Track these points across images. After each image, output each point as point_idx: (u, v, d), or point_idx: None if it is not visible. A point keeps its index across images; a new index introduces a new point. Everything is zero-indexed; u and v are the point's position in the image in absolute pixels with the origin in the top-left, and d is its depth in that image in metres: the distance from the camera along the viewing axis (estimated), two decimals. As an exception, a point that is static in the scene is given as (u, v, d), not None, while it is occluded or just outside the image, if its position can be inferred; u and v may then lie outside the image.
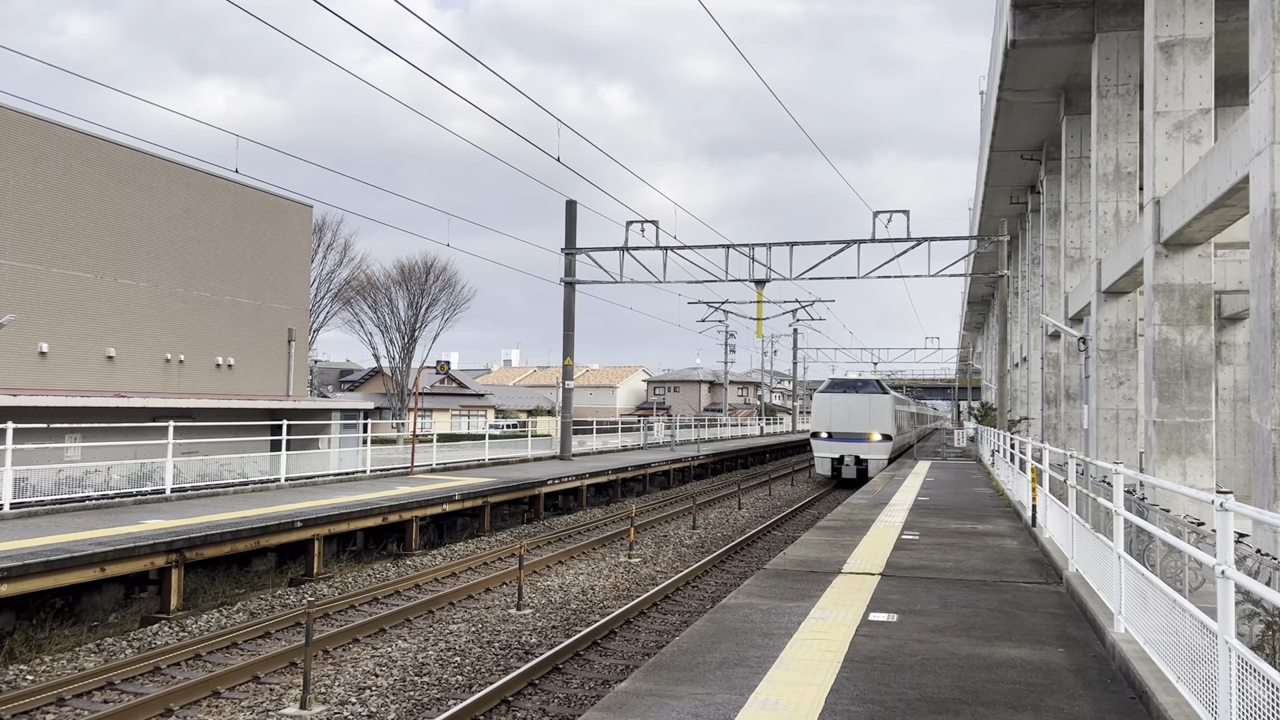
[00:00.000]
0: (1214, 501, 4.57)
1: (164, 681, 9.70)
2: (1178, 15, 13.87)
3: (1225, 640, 4.33)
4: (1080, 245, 23.26)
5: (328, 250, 50.00)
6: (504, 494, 20.79)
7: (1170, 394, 13.54)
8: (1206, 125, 13.75)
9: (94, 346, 22.96)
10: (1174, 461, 13.51)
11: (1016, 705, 5.72)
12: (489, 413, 70.88)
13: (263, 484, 19.42)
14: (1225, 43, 17.28)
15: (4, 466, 14.10)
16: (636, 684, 6.14)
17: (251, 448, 22.30)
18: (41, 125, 21.69)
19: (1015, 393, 38.59)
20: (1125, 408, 17.82)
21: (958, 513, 16.62)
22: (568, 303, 31.47)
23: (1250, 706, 4.14)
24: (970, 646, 7.14)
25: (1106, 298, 18.15)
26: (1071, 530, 9.81)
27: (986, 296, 58.94)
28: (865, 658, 6.78)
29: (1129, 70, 18.63)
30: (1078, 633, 7.66)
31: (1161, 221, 13.43)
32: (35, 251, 21.46)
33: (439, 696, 9.32)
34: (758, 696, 5.88)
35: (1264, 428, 8.81)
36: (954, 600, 8.89)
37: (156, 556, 11.94)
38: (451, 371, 62.80)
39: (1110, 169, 18.79)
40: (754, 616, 8.12)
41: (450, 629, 12.02)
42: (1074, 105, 23.06)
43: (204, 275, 26.29)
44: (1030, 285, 34.57)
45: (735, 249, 30.62)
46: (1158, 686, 5.60)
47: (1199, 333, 13.46)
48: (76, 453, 18.88)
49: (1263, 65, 8.79)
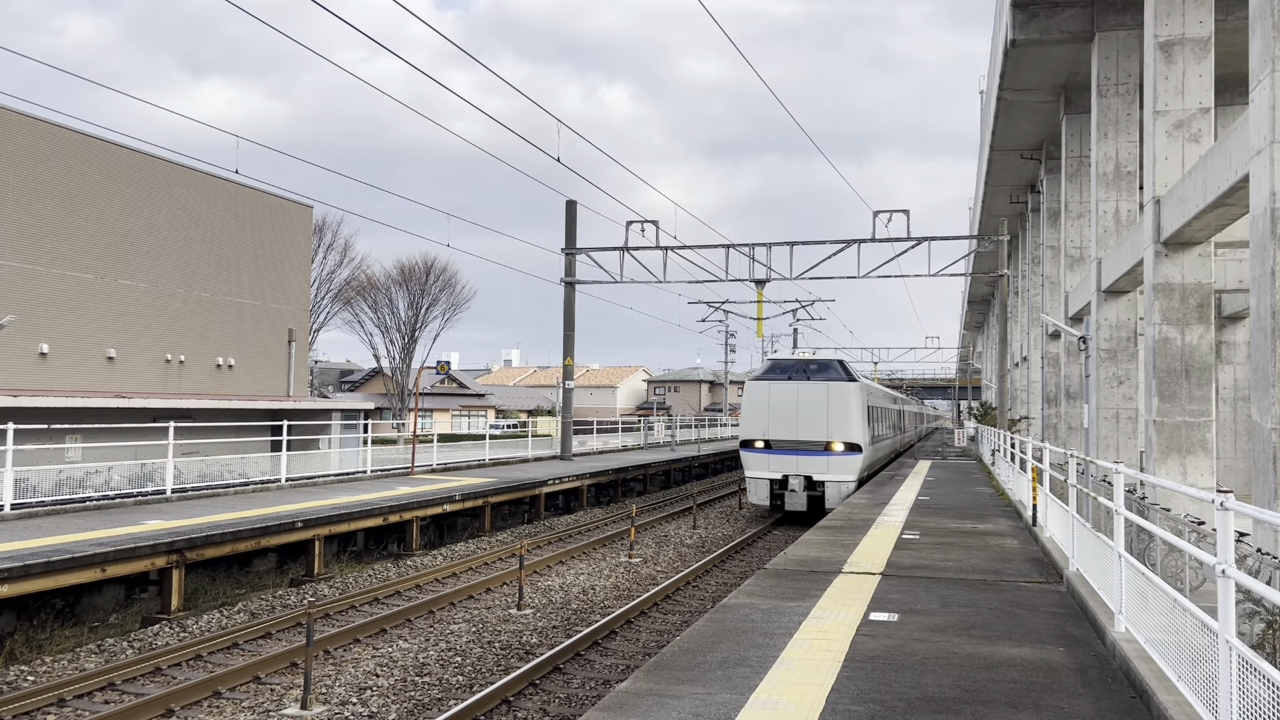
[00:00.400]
0: (1214, 501, 4.57)
1: (165, 682, 9.70)
2: (1177, 14, 13.87)
3: (1226, 639, 4.33)
4: (1080, 244, 23.25)
5: (328, 250, 50.06)
6: (504, 494, 20.79)
7: (1170, 393, 13.54)
8: (1206, 124, 13.75)
9: (94, 347, 22.96)
10: (1174, 461, 13.51)
11: (1017, 704, 5.72)
12: (489, 413, 70.90)
13: (263, 484, 19.42)
14: (1225, 41, 17.28)
15: (4, 467, 14.10)
16: (637, 684, 6.14)
17: (252, 448, 22.30)
18: (41, 126, 21.69)
19: (1015, 392, 38.59)
20: (1125, 407, 17.82)
21: (958, 512, 16.62)
22: (568, 303, 31.48)
23: (1251, 705, 4.14)
24: (971, 646, 7.15)
25: (1106, 297, 18.15)
26: (1072, 529, 9.81)
27: (986, 296, 58.94)
28: (866, 657, 6.78)
29: (1129, 69, 18.63)
30: (1078, 632, 7.66)
31: (1161, 221, 13.43)
32: (35, 252, 21.46)
33: (440, 696, 9.32)
34: (758, 696, 5.88)
35: (1264, 427, 8.81)
36: (955, 600, 8.89)
37: (157, 557, 11.94)
38: (452, 372, 62.84)
39: (1110, 168, 18.79)
40: (754, 616, 8.12)
41: (451, 629, 12.02)
42: (1074, 104, 23.06)
43: (204, 276, 26.29)
44: (1030, 284, 34.57)
45: (735, 249, 30.62)
46: (1158, 685, 5.60)
47: (1199, 332, 13.46)
48: (77, 453, 18.88)
49: (1262, 64, 8.79)
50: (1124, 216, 18.50)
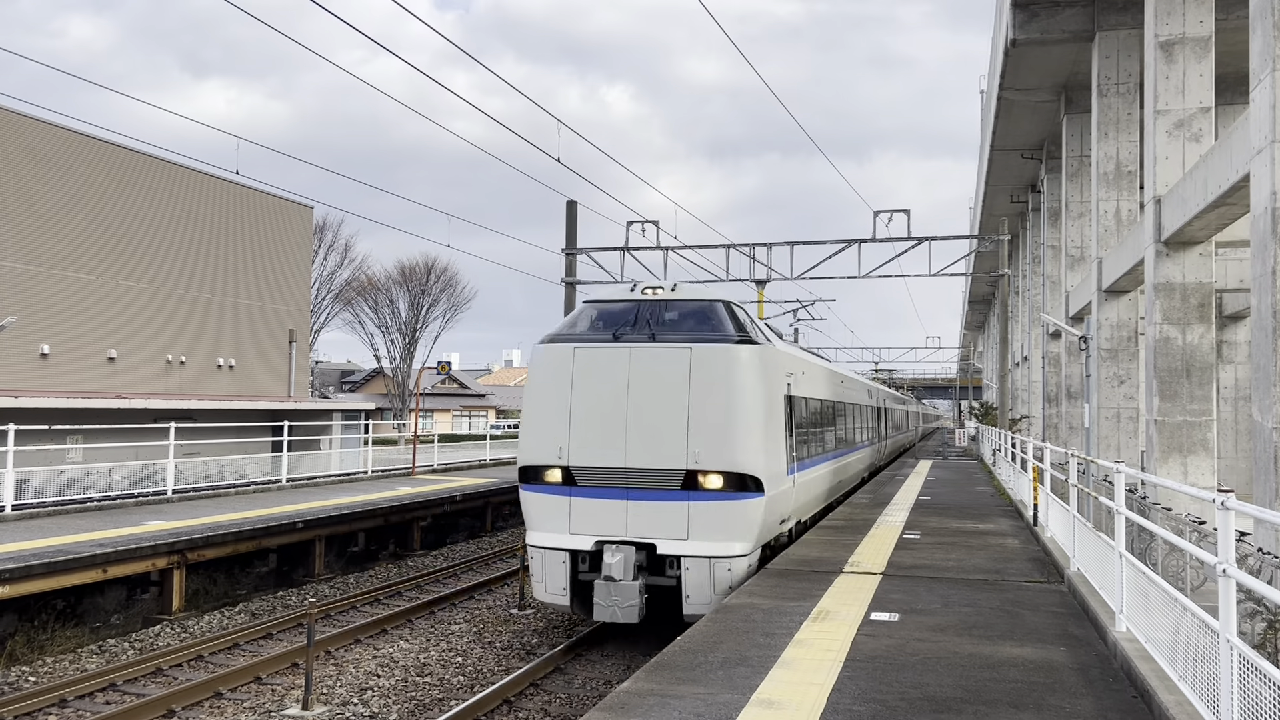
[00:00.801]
0: (1215, 500, 4.57)
1: (166, 682, 9.71)
2: (1178, 14, 13.87)
3: (1227, 639, 4.33)
4: (1081, 244, 23.25)
5: (328, 251, 50.06)
6: (505, 494, 20.79)
7: (1171, 393, 13.54)
8: (1207, 124, 13.74)
9: (95, 348, 22.97)
10: (1175, 460, 13.51)
11: (1019, 704, 5.71)
12: (490, 413, 70.92)
13: (264, 485, 19.43)
14: (1225, 41, 17.27)
15: (6, 468, 14.11)
16: (639, 684, 6.14)
17: (253, 449, 22.31)
18: (42, 127, 21.70)
19: (1016, 392, 38.57)
20: (1126, 406, 17.82)
21: (959, 512, 16.62)
22: (568, 303, 31.48)
23: (1252, 705, 4.13)
24: (972, 645, 7.14)
25: (1107, 296, 18.14)
26: (1073, 529, 9.81)
27: (987, 296, 58.93)
28: (867, 657, 6.78)
29: (1129, 69, 18.63)
30: (1079, 631, 7.65)
31: (1162, 220, 13.42)
32: (36, 253, 21.47)
33: (441, 697, 9.32)
34: (759, 696, 5.88)
35: (1265, 426, 8.81)
36: (956, 599, 8.89)
37: (158, 558, 11.95)
38: (452, 372, 62.86)
39: (1111, 168, 18.79)
40: (755, 616, 8.12)
41: (452, 629, 12.02)
42: (1074, 104, 23.05)
43: (205, 276, 26.30)
44: (1031, 284, 34.56)
45: (735, 249, 30.62)
46: (1159, 685, 5.60)
47: (1200, 331, 13.46)
48: (78, 454, 18.89)
49: (1263, 64, 8.78)
50: (1125, 216, 18.49)
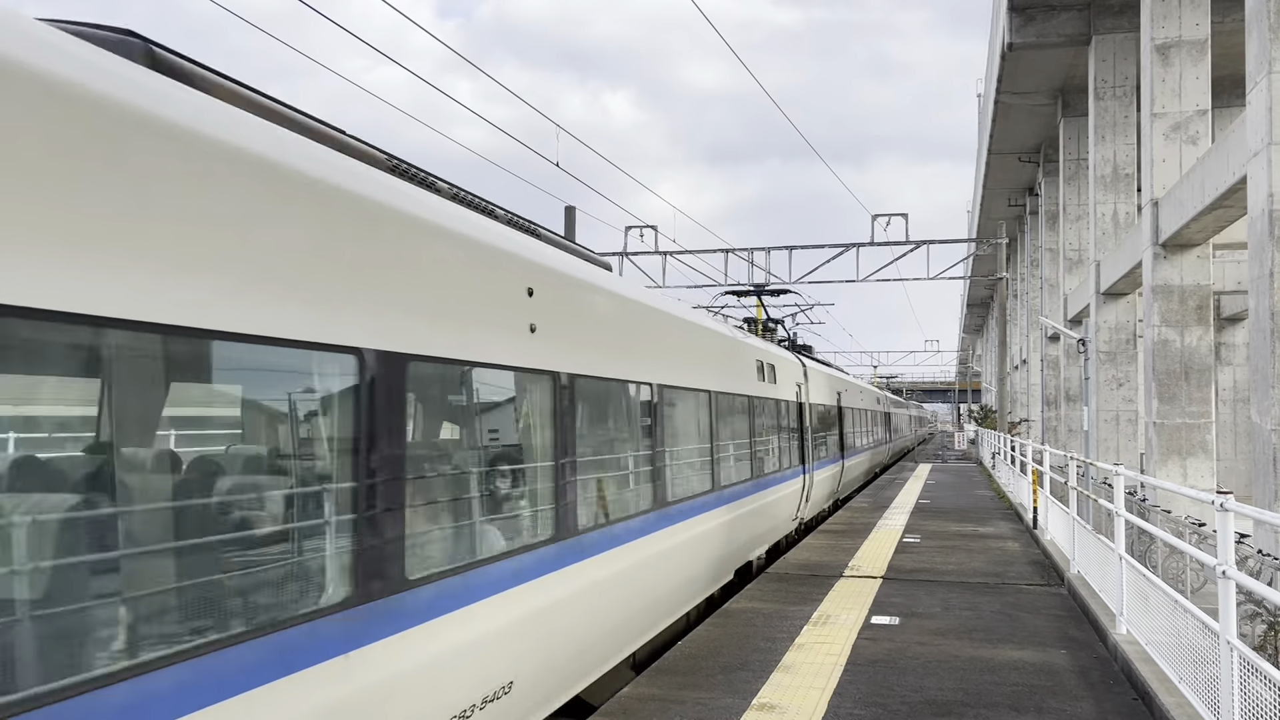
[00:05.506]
0: (1215, 502, 4.59)
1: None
2: (1174, 17, 13.92)
3: (1227, 641, 4.34)
4: (1079, 247, 23.29)
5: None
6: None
7: (1170, 395, 13.56)
8: (1204, 126, 13.78)
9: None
10: (1174, 462, 13.52)
11: (1019, 707, 5.72)
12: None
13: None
14: (1221, 44, 17.31)
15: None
16: (639, 689, 6.15)
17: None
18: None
19: (1015, 395, 38.61)
20: (1125, 409, 17.83)
21: (959, 515, 16.62)
22: (567, 308, 31.50)
23: (1253, 707, 4.14)
24: (972, 649, 7.15)
25: (1105, 299, 18.17)
26: (1073, 532, 9.82)
27: (986, 299, 59.01)
28: (867, 661, 6.79)
29: (1126, 72, 18.68)
30: (1080, 634, 7.66)
31: (1160, 223, 13.45)
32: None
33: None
34: (760, 700, 5.88)
35: (1264, 428, 8.82)
36: (956, 603, 8.89)
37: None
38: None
39: (1108, 171, 18.82)
40: (756, 620, 8.12)
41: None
42: (1071, 107, 23.11)
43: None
44: (1029, 287, 34.62)
45: (734, 253, 30.66)
46: (1160, 687, 5.61)
47: (1198, 334, 13.48)
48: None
49: (1259, 66, 8.82)
50: (1122, 219, 18.53)
